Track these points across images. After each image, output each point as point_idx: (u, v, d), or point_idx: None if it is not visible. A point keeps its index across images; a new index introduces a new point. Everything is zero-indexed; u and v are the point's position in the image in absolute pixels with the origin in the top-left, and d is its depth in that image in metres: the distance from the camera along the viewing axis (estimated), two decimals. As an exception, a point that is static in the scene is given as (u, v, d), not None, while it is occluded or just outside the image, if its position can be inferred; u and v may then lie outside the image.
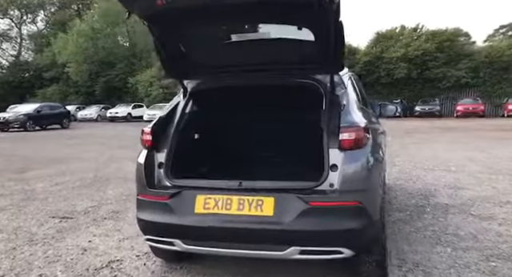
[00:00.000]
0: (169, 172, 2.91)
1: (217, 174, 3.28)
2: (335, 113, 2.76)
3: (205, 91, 3.26)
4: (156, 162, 2.98)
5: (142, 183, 2.90)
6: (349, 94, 2.97)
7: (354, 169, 2.52)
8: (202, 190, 2.75)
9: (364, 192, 2.52)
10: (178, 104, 3.27)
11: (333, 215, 2.46)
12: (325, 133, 2.70)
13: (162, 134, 3.04)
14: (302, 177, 2.81)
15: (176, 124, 3.11)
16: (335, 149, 2.61)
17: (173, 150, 2.99)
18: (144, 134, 3.04)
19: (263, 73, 3.13)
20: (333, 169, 2.58)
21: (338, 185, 2.52)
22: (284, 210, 2.50)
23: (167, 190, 2.80)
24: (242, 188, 2.68)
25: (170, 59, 3.04)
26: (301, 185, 2.62)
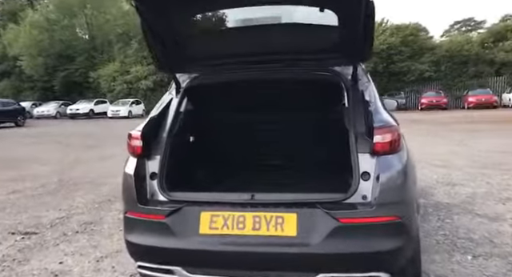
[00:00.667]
0: (164, 184, 2.43)
1: (220, 184, 2.81)
2: (362, 111, 2.37)
3: (202, 87, 2.77)
4: (148, 172, 2.48)
5: (132, 198, 2.39)
6: (374, 89, 2.58)
7: (391, 177, 2.15)
8: (206, 205, 2.29)
9: (403, 204, 2.15)
10: (170, 102, 2.76)
11: (369, 234, 2.07)
12: (351, 135, 2.30)
13: (153, 139, 2.55)
14: (322, 187, 2.42)
15: (170, 126, 2.61)
16: (366, 154, 2.23)
17: (167, 157, 2.50)
18: (132, 139, 2.51)
19: (271, 65, 2.68)
20: (364, 177, 2.19)
21: (372, 197, 2.14)
22: (310, 229, 2.09)
23: (164, 207, 2.32)
24: (256, 202, 2.23)
25: (160, 48, 2.52)
26: (327, 197, 2.21)
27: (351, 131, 2.32)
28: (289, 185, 2.56)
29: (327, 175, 2.80)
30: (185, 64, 2.74)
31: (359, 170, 2.20)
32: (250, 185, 2.60)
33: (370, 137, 2.25)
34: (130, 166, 2.49)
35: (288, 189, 2.39)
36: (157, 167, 2.48)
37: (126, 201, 2.49)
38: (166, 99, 2.82)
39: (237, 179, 3.05)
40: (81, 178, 7.07)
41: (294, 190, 2.34)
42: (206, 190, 2.58)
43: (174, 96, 2.81)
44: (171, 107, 2.74)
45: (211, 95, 2.93)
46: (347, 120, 2.41)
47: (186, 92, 2.78)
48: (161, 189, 2.41)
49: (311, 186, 2.49)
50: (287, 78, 2.68)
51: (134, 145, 2.51)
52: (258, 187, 2.44)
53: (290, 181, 2.78)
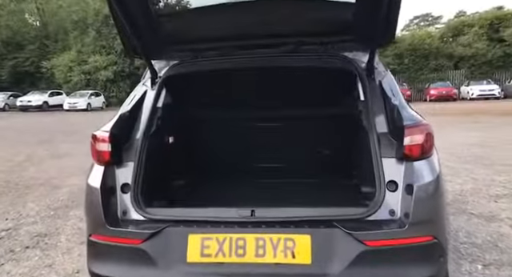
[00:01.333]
0: (139, 198, 1.93)
1: (210, 197, 2.34)
2: (383, 106, 1.98)
3: (185, 77, 2.26)
4: (118, 183, 1.97)
5: (98, 218, 1.88)
6: (393, 79, 2.18)
7: (426, 187, 1.76)
8: (195, 225, 1.82)
9: (438, 221, 1.78)
10: (144, 96, 2.23)
11: (401, 259, 1.69)
12: (372, 135, 1.89)
13: (124, 141, 2.03)
14: (336, 200, 2.02)
15: (146, 125, 2.09)
16: (391, 158, 1.83)
17: (143, 163, 1.99)
18: (97, 142, 1.98)
19: (269, 50, 2.22)
20: (390, 188, 1.79)
21: (401, 212, 1.75)
22: (328, 255, 1.68)
23: (140, 229, 1.83)
24: (259, 220, 1.78)
25: (132, 28, 1.99)
26: (346, 213, 1.79)
27: (372, 131, 1.91)
28: (295, 197, 2.14)
29: (340, 184, 2.39)
30: (162, 48, 2.23)
31: (384, 178, 1.80)
32: (247, 197, 2.16)
33: (396, 138, 1.85)
34: (95, 176, 1.97)
35: (295, 202, 1.97)
36: (130, 177, 1.98)
37: (90, 221, 1.97)
38: (139, 92, 2.29)
39: (231, 190, 2.58)
40: (33, 179, 6.29)
41: (302, 204, 1.91)
42: (192, 205, 2.10)
43: (149, 88, 2.29)
44: (146, 102, 2.23)
45: (196, 87, 2.43)
46: (365, 117, 2.00)
47: (165, 83, 2.26)
48: (135, 205, 1.92)
49: (322, 197, 2.08)
50: (288, 66, 2.22)
51: (101, 149, 1.98)
52: (257, 200, 2.01)
53: (295, 191, 2.36)
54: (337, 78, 2.21)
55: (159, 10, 2.10)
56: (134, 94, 2.30)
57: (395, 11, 1.82)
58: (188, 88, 2.40)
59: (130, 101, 2.24)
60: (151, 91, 2.28)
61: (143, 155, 2.02)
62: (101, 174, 1.97)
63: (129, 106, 2.18)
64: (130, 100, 2.24)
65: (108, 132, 1.98)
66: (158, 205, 2.01)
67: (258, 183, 2.73)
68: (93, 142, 2.02)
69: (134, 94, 2.30)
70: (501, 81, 28.34)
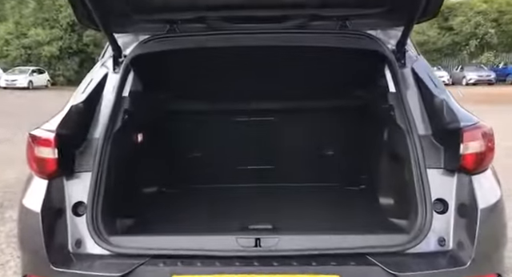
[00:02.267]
0: (100, 222, 1.41)
1: (196, 219, 1.84)
2: (421, 99, 1.56)
3: (159, 57, 1.70)
4: (68, 202, 1.43)
5: (38, 254, 1.35)
6: (428, 65, 1.77)
7: (491, 209, 1.38)
8: (179, 261, 1.34)
9: (502, 252, 1.39)
10: (104, 81, 1.67)
11: None
12: (411, 137, 1.47)
13: (78, 144, 1.47)
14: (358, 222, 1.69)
15: (108, 121, 1.54)
16: (438, 169, 1.42)
17: (104, 173, 1.45)
18: (37, 146, 1.41)
19: (269, 24, 1.71)
20: (438, 208, 1.39)
21: (455, 241, 1.36)
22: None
23: (103, 269, 1.33)
24: (266, 254, 1.33)
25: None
26: (382, 243, 1.37)
27: (410, 132, 1.49)
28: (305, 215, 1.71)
29: (362, 199, 1.98)
30: (128, 17, 1.66)
31: (430, 195, 1.39)
32: (244, 215, 1.71)
33: (443, 142, 1.44)
34: (34, 194, 1.43)
35: (307, 223, 1.53)
36: (85, 193, 1.42)
37: (26, 257, 1.43)
38: (97, 75, 1.72)
39: (220, 204, 2.07)
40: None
41: (318, 228, 1.47)
42: (172, 228, 1.58)
43: (111, 70, 1.72)
44: (107, 89, 1.67)
45: (172, 70, 1.88)
46: (398, 113, 1.57)
47: (133, 64, 1.70)
48: (94, 232, 1.39)
49: (341, 218, 1.66)
50: (295, 46, 1.72)
51: (43, 156, 1.41)
52: (257, 218, 1.62)
53: (303, 207, 1.91)
54: (359, 62, 1.75)
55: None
56: (90, 77, 1.71)
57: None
58: (162, 71, 1.85)
59: (84, 87, 1.65)
60: (114, 75, 1.72)
61: (104, 162, 1.48)
62: (42, 191, 1.41)
63: (83, 95, 1.60)
64: (85, 86, 1.65)
65: (53, 132, 1.41)
66: (126, 229, 1.50)
67: (251, 192, 2.25)
68: (31, 144, 1.44)
69: (90, 77, 1.71)
70: (448, 68, 29.42)
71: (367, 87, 1.93)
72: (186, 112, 2.16)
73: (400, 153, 1.58)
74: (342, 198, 2.14)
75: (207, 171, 2.33)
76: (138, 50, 1.66)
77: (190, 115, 2.18)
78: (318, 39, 1.70)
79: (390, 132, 1.70)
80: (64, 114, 1.47)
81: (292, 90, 2.05)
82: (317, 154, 2.31)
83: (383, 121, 1.75)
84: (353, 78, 1.94)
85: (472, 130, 1.39)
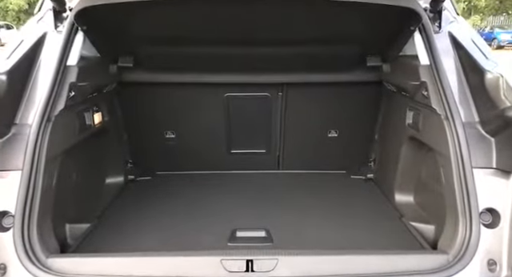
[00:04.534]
0: (34, 238, 1.06)
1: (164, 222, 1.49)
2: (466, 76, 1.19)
3: (116, 8, 1.25)
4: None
5: None
6: (472, 30, 1.39)
7: None
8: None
9: None
10: (41, 44, 1.25)
11: None
12: (455, 127, 1.12)
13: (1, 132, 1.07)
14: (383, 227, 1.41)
15: (46, 101, 1.13)
16: (488, 169, 1.08)
17: (41, 172, 1.07)
18: None
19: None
20: (486, 220, 1.06)
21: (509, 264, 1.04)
22: None
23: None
24: None
25: None
26: (411, 266, 1.05)
27: (451, 118, 1.13)
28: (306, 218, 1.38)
29: (371, 192, 1.66)
30: None
31: (477, 203, 1.06)
32: (228, 219, 1.41)
33: (495, 133, 1.10)
34: None
35: (311, 233, 1.28)
36: (12, 200, 1.03)
37: None
38: (31, 36, 1.27)
39: (201, 206, 1.68)
40: None
41: (325, 240, 1.15)
42: (136, 244, 1.22)
43: (52, 28, 1.28)
44: (45, 55, 1.23)
45: (134, 28, 1.43)
46: (434, 94, 1.20)
47: (81, 22, 1.25)
48: (26, 253, 1.02)
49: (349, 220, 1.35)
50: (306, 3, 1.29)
51: None
52: (244, 224, 1.37)
53: (303, 206, 1.58)
54: (382, 23, 1.35)
55: None
56: (21, 38, 1.26)
57: None
58: (120, 30, 1.41)
59: (10, 52, 1.20)
60: (55, 35, 1.27)
61: (41, 156, 1.08)
62: None
63: (9, 62, 1.15)
64: (12, 51, 1.20)
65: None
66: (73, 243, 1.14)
67: (240, 184, 1.87)
68: None
69: (21, 38, 1.26)
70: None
71: (392, 57, 1.54)
72: (158, 84, 1.72)
73: (435, 145, 1.23)
74: (348, 192, 1.79)
75: (181, 156, 1.93)
76: (87, 1, 1.20)
77: (165, 87, 1.74)
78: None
79: (420, 117, 1.33)
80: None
81: (295, 59, 1.63)
82: (320, 136, 1.93)
83: (412, 103, 1.37)
84: (372, 43, 1.54)
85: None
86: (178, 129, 1.87)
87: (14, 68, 1.14)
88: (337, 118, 1.90)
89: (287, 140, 1.95)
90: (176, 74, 1.70)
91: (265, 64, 1.69)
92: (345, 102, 1.83)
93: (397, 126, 1.56)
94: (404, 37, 1.40)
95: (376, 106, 1.81)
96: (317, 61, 1.65)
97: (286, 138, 1.94)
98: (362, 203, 1.67)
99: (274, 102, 1.84)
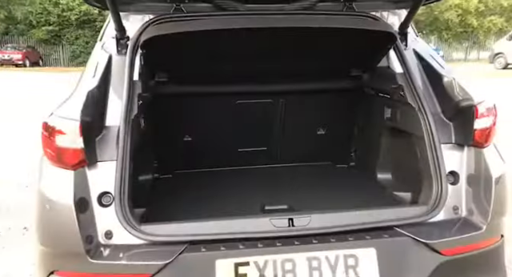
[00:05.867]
0: (128, 212, 1.36)
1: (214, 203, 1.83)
2: (428, 79, 1.66)
3: (170, 39, 1.61)
4: (93, 193, 1.36)
5: (72, 247, 1.30)
6: (428, 46, 1.88)
7: (501, 179, 1.51)
8: (222, 246, 1.33)
9: (505, 217, 1.56)
10: (109, 64, 1.61)
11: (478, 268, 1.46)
12: (424, 115, 1.58)
13: (97, 132, 1.41)
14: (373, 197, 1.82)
15: (126, 108, 1.46)
16: (448, 144, 1.55)
17: (127, 161, 1.40)
18: (59, 135, 1.33)
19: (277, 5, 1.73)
20: (449, 180, 1.53)
21: (467, 208, 1.50)
22: (399, 273, 1.37)
23: (142, 258, 1.29)
24: (305, 233, 1.38)
25: None
26: (406, 215, 1.48)
27: (422, 110, 1.59)
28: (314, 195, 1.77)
29: (356, 176, 2.10)
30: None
31: (445, 169, 1.51)
32: (259, 197, 1.77)
33: (454, 119, 1.56)
34: (61, 185, 1.34)
35: (322, 202, 1.64)
36: (110, 183, 1.35)
37: (53, 253, 1.36)
38: (101, 59, 1.61)
39: (236, 186, 2.05)
40: None
41: (335, 206, 1.55)
42: (195, 212, 1.56)
43: (115, 52, 1.62)
44: (114, 73, 1.58)
45: (179, 52, 1.79)
46: (409, 93, 1.66)
47: (144, 46, 1.60)
48: (125, 222, 1.34)
49: (347, 195, 1.76)
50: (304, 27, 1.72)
51: (67, 146, 1.32)
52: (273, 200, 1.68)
53: (308, 187, 1.97)
54: (366, 43, 1.80)
55: None
56: (96, 61, 1.59)
57: None
58: (168, 53, 1.76)
59: (93, 71, 1.53)
60: (118, 57, 1.62)
61: (127, 150, 1.40)
62: (70, 182, 1.32)
63: (95, 80, 1.48)
64: (94, 70, 1.53)
65: (77, 119, 1.30)
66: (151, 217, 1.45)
67: (262, 177, 2.26)
68: (49, 133, 1.32)
69: (96, 61, 1.59)
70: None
71: (370, 68, 2.01)
72: (185, 94, 2.08)
73: (411, 130, 1.67)
74: (338, 177, 2.24)
75: (205, 155, 2.29)
76: (153, 32, 1.56)
77: (190, 98, 2.11)
78: (326, 20, 1.72)
79: (399, 111, 1.78)
80: (83, 101, 1.35)
81: (294, 72, 2.06)
82: (311, 134, 2.37)
83: (392, 100, 1.83)
84: (356, 59, 2.00)
85: (483, 106, 1.50)
86: (195, 133, 2.22)
87: (100, 84, 1.47)
88: (324, 119, 2.35)
89: (285, 138, 2.37)
90: (198, 86, 2.08)
91: (269, 77, 2.11)
92: (331, 105, 2.29)
93: (376, 121, 2.01)
94: (382, 53, 1.87)
95: (356, 108, 2.26)
96: (310, 73, 2.10)
97: (283, 137, 2.36)
98: (350, 182, 2.11)
99: (276, 107, 2.27)
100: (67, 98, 1.48)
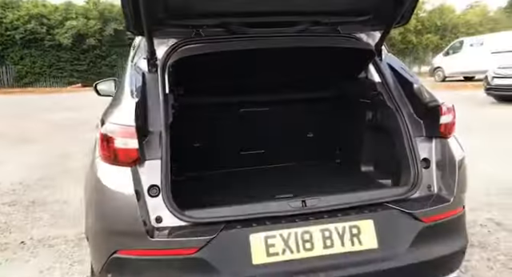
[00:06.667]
0: (173, 200, 1.63)
1: (231, 193, 2.11)
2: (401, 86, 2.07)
3: (193, 59, 1.93)
4: (144, 186, 1.63)
5: (133, 230, 1.56)
6: (398, 60, 2.30)
7: (462, 162, 1.94)
8: (254, 223, 1.65)
9: (465, 192, 1.98)
10: (144, 80, 1.89)
11: (449, 231, 1.85)
12: (401, 115, 1.98)
13: (144, 136, 1.70)
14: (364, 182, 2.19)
15: (164, 115, 1.76)
16: (420, 137, 1.96)
17: (168, 160, 1.68)
18: (118, 138, 1.61)
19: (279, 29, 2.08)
20: (423, 165, 1.94)
21: (438, 186, 1.91)
22: (391, 238, 1.73)
23: (189, 235, 1.58)
24: (318, 211, 1.71)
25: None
26: (394, 193, 1.86)
27: (399, 111, 1.99)
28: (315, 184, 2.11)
29: (344, 169, 2.49)
30: (165, 23, 1.85)
31: (419, 157, 1.92)
32: (271, 188, 2.08)
33: (422, 117, 1.98)
34: (121, 179, 1.61)
35: (322, 189, 1.95)
36: (157, 178, 1.62)
37: (116, 235, 1.61)
38: (137, 76, 1.91)
39: (247, 182, 2.34)
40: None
41: (339, 190, 1.90)
42: (225, 200, 1.84)
43: (147, 71, 1.91)
44: (149, 87, 1.86)
45: (198, 70, 2.09)
46: (387, 98, 2.06)
47: (172, 65, 1.89)
48: (172, 208, 1.62)
49: (341, 182, 2.12)
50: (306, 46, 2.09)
51: (125, 147, 1.59)
52: (284, 188, 1.97)
53: (310, 179, 2.31)
54: (350, 59, 2.20)
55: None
56: (133, 78, 1.86)
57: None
58: (191, 71, 2.06)
59: (134, 87, 1.80)
60: (150, 75, 1.90)
61: (168, 151, 1.68)
62: (129, 176, 1.59)
63: (138, 93, 1.75)
64: (134, 86, 1.80)
65: (133, 126, 1.58)
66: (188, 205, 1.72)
67: (267, 172, 2.57)
68: (108, 139, 1.59)
69: (133, 78, 1.86)
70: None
71: (354, 79, 2.40)
72: (197, 105, 2.38)
73: (390, 128, 2.05)
74: (329, 171, 2.61)
75: (211, 159, 2.58)
76: (180, 55, 1.88)
77: (200, 108, 2.40)
78: (318, 40, 2.11)
79: (379, 113, 2.17)
80: (133, 109, 1.62)
81: (289, 84, 2.43)
82: (302, 137, 2.74)
83: (373, 104, 2.22)
84: (342, 71, 2.39)
85: (445, 106, 1.93)
86: (203, 139, 2.51)
87: (140, 96, 1.74)
88: (312, 123, 2.73)
89: (279, 141, 2.72)
90: (208, 97, 2.38)
91: (267, 88, 2.46)
92: (318, 111, 2.67)
93: (358, 122, 2.38)
94: (363, 66, 2.27)
95: (341, 113, 2.64)
96: (303, 85, 2.48)
97: (278, 140, 2.71)
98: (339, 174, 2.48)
99: (272, 114, 2.62)
100: (113, 107, 1.74)
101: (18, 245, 3.07)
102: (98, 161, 1.66)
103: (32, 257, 2.88)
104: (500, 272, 2.50)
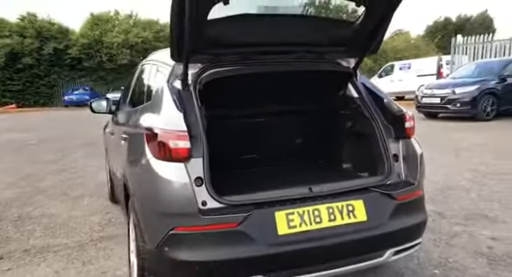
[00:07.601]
0: (212, 188, 2.08)
1: (250, 184, 2.54)
2: (373, 100, 2.68)
3: (217, 80, 2.40)
4: (192, 177, 2.05)
5: (189, 211, 1.99)
6: (368, 80, 2.91)
7: (422, 156, 2.53)
8: (277, 204, 2.13)
9: (424, 179, 2.60)
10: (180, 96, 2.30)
11: (416, 207, 2.43)
12: (377, 122, 2.57)
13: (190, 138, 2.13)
14: (349, 174, 2.70)
15: (202, 122, 2.21)
16: (390, 138, 2.56)
17: (208, 158, 2.13)
18: (173, 140, 2.05)
19: (280, 56, 2.61)
20: (394, 159, 2.52)
21: (405, 174, 2.50)
22: (376, 212, 2.28)
23: (232, 213, 2.02)
24: (323, 194, 2.24)
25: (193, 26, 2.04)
26: (375, 181, 2.43)
27: (375, 119, 2.56)
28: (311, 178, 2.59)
29: (328, 167, 2.99)
30: (198, 52, 2.31)
31: (391, 153, 2.51)
32: (278, 180, 2.51)
33: (391, 123, 2.57)
34: (177, 171, 2.02)
35: (318, 180, 2.41)
36: (200, 171, 2.06)
37: (172, 215, 2.02)
38: (175, 93, 2.31)
39: (257, 178, 2.78)
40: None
41: (333, 180, 2.41)
42: (255, 189, 2.28)
43: (181, 89, 2.34)
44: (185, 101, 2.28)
45: (219, 88, 2.53)
46: (365, 109, 2.63)
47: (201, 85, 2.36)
48: (214, 194, 2.06)
49: (331, 175, 2.60)
50: (299, 70, 2.63)
51: (180, 147, 2.03)
52: (290, 181, 2.41)
53: (305, 175, 2.78)
54: (334, 79, 2.76)
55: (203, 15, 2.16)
56: (173, 95, 2.26)
57: (384, 29, 2.52)
58: (213, 90, 2.49)
59: (177, 100, 2.21)
60: (184, 92, 2.31)
61: (207, 150, 2.11)
62: (183, 169, 1.99)
63: (179, 106, 2.17)
64: (177, 100, 2.22)
65: (186, 131, 2.03)
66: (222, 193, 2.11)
67: (269, 171, 3.01)
68: (165, 139, 2.01)
69: (173, 95, 2.26)
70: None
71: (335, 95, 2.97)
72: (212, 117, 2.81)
73: (368, 133, 2.59)
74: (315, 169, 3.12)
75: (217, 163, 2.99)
76: (213, 76, 2.35)
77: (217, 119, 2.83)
78: (309, 65, 2.66)
79: (358, 121, 2.71)
80: (182, 119, 2.07)
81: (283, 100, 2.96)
82: (291, 142, 3.27)
83: (352, 115, 2.79)
84: (327, 89, 2.95)
85: (408, 114, 2.55)
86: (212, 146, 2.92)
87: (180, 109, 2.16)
88: (301, 131, 3.26)
89: (272, 146, 3.22)
90: (220, 110, 2.82)
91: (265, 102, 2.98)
92: (305, 121, 3.21)
93: (339, 129, 2.88)
94: (343, 85, 2.83)
95: (324, 122, 3.13)
96: (294, 100, 3.01)
97: (271, 145, 3.21)
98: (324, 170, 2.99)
99: (268, 123, 3.12)
100: (158, 117, 2.20)
101: (22, 252, 3.21)
102: (154, 160, 2.05)
103: (41, 261, 3.05)
104: (444, 247, 3.18)
